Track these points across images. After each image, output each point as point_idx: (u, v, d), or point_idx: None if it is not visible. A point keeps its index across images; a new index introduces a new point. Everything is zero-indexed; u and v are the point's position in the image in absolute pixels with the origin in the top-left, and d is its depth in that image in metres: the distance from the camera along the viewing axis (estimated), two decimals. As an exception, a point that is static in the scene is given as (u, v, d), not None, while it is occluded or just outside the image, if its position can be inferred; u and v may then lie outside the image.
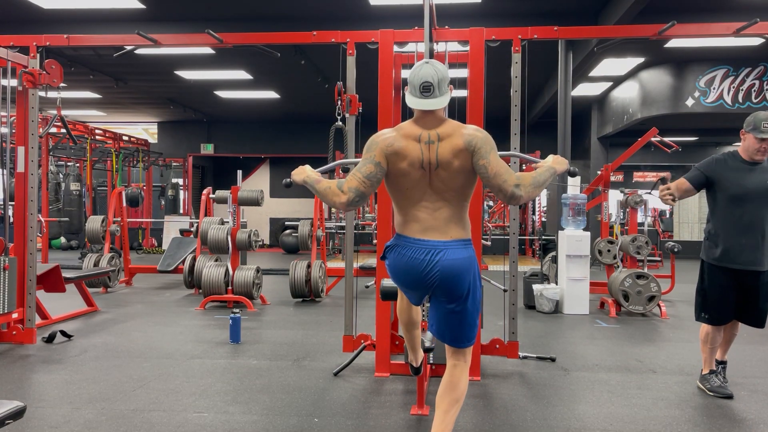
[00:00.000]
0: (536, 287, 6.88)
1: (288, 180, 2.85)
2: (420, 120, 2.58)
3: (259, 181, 18.30)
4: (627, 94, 12.18)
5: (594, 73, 11.25)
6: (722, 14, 7.85)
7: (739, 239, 3.65)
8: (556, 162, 2.68)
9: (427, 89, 2.53)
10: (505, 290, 4.42)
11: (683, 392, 3.90)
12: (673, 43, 9.19)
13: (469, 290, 2.61)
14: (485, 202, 15.65)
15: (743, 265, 3.66)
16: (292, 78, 11.62)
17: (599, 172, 7.71)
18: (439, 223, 2.57)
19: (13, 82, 4.94)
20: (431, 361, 3.81)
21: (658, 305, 6.67)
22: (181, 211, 16.66)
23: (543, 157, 3.02)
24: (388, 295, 3.45)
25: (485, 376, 4.18)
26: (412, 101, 2.57)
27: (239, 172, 7.66)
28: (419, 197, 2.58)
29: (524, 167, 8.29)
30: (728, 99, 10.52)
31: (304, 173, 2.73)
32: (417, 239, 2.58)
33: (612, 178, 7.71)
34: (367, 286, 6.26)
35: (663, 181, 3.97)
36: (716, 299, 3.76)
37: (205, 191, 8.38)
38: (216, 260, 7.38)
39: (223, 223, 7.56)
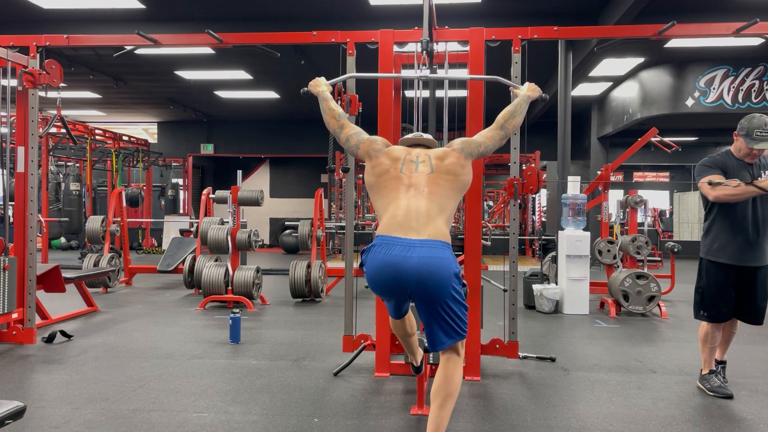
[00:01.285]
0: (536, 287, 6.88)
1: (305, 89, 3.29)
2: (410, 146, 2.99)
3: (259, 181, 18.30)
4: (627, 94, 12.18)
5: (594, 73, 11.26)
6: (722, 14, 7.85)
7: (737, 236, 3.67)
8: (530, 89, 3.17)
9: (419, 136, 3.02)
10: (505, 290, 4.41)
11: (683, 392, 3.90)
12: (673, 43, 9.20)
13: (447, 294, 2.60)
14: (485, 202, 15.66)
15: (741, 262, 3.67)
16: (292, 78, 11.61)
17: (599, 172, 7.71)
18: (418, 224, 2.65)
19: (13, 82, 4.94)
20: (431, 361, 3.81)
21: (658, 305, 6.67)
22: (181, 211, 16.67)
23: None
24: (388, 295, 3.45)
25: (485, 376, 4.18)
26: (406, 139, 3.04)
27: (239, 172, 7.66)
28: (397, 199, 2.73)
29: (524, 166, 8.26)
30: (728, 99, 10.52)
31: (318, 86, 3.21)
32: (394, 237, 2.63)
33: (612, 178, 7.71)
34: (366, 286, 6.25)
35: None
36: (715, 296, 3.76)
37: (205, 191, 8.38)
38: (216, 260, 7.38)
39: (223, 223, 7.56)
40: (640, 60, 10.66)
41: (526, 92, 3.14)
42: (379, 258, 2.61)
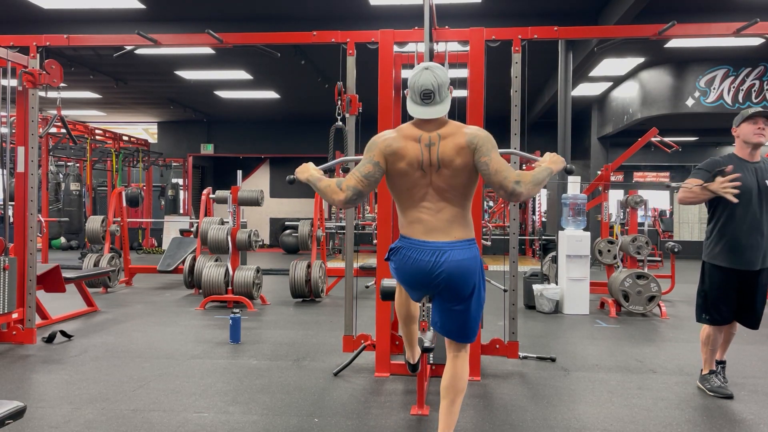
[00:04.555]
0: (536, 287, 6.88)
1: (292, 177, 2.91)
2: (421, 122, 2.65)
3: (259, 181, 18.29)
4: (627, 94, 12.18)
5: (594, 73, 11.25)
6: (722, 14, 7.85)
7: (739, 239, 3.66)
8: (552, 161, 2.70)
9: (427, 96, 2.59)
10: (505, 290, 4.42)
11: (683, 392, 3.90)
12: (673, 43, 9.20)
13: (474, 290, 2.66)
14: (485, 202, 15.66)
15: (743, 265, 3.66)
16: (292, 78, 11.62)
17: (599, 172, 7.71)
18: (442, 224, 2.61)
19: (13, 82, 4.94)
20: (431, 361, 3.81)
21: (658, 305, 6.66)
22: (181, 211, 16.66)
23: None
24: (388, 295, 3.45)
25: (485, 376, 4.18)
26: (413, 109, 2.64)
27: (239, 172, 7.66)
28: (421, 198, 2.63)
29: (524, 167, 8.30)
30: (728, 99, 10.52)
31: (307, 171, 2.80)
32: (421, 241, 2.62)
33: (612, 178, 7.71)
34: (367, 286, 6.26)
35: (722, 173, 3.55)
36: (717, 300, 3.75)
37: (205, 191, 8.38)
38: (216, 260, 7.38)
39: (223, 223, 7.56)
40: (640, 60, 10.66)
41: (548, 164, 2.67)
42: (410, 264, 2.63)
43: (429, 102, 2.59)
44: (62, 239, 14.64)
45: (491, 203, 17.22)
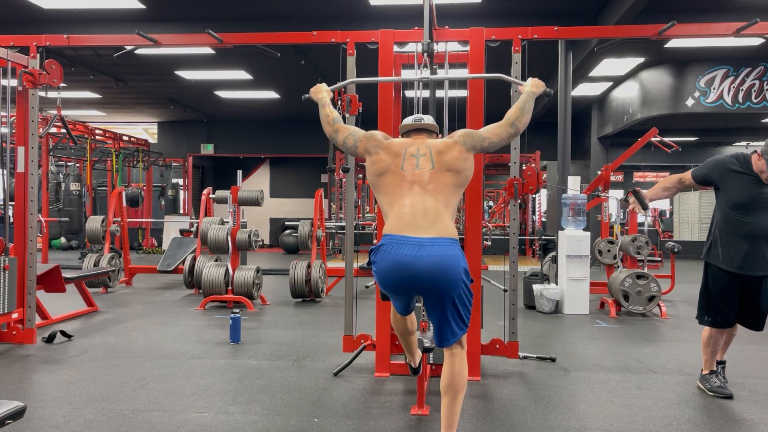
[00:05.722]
0: (536, 287, 6.88)
1: (307, 95, 3.34)
2: (410, 138, 2.94)
3: (259, 181, 18.30)
4: (627, 94, 12.18)
5: (594, 73, 11.25)
6: (722, 14, 7.85)
7: (741, 245, 3.64)
8: (533, 86, 3.11)
9: (419, 120, 2.98)
10: (505, 290, 4.41)
11: (683, 392, 3.90)
12: (673, 43, 9.20)
13: (457, 291, 2.65)
14: (485, 202, 15.66)
15: (745, 271, 3.65)
16: (292, 78, 11.61)
17: (599, 172, 7.71)
18: (425, 222, 2.66)
19: (13, 82, 4.94)
20: (431, 361, 3.81)
21: (658, 305, 6.67)
22: (181, 211, 16.66)
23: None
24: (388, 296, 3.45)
25: (485, 376, 4.18)
26: (406, 125, 2.99)
27: (239, 172, 7.66)
28: (405, 194, 2.73)
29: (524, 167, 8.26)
30: (728, 99, 10.52)
31: (320, 92, 3.26)
32: (402, 236, 2.64)
33: (612, 179, 7.70)
34: (367, 286, 6.26)
35: (636, 194, 4.12)
36: (720, 302, 3.74)
37: (205, 191, 8.38)
38: (216, 260, 7.38)
39: (223, 223, 7.56)
40: (640, 60, 10.66)
41: (530, 88, 3.09)
42: (390, 258, 2.63)
43: (420, 122, 2.97)
44: (62, 239, 14.65)
45: (491, 203, 17.22)
